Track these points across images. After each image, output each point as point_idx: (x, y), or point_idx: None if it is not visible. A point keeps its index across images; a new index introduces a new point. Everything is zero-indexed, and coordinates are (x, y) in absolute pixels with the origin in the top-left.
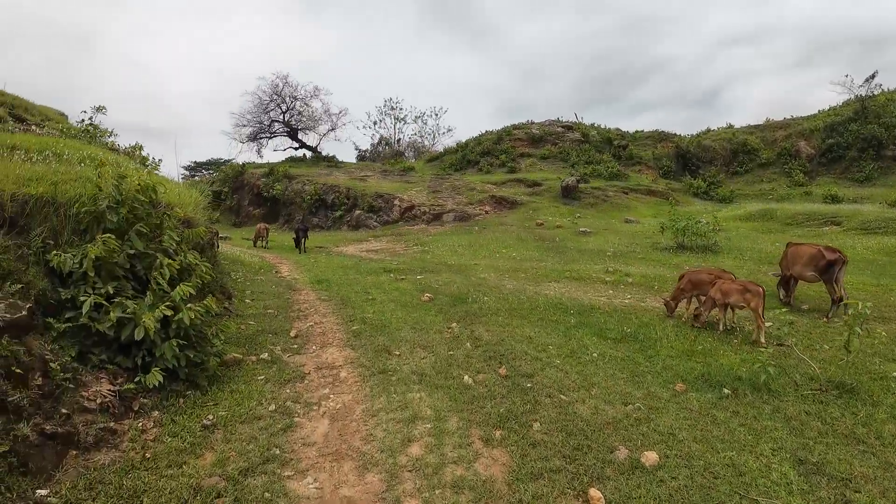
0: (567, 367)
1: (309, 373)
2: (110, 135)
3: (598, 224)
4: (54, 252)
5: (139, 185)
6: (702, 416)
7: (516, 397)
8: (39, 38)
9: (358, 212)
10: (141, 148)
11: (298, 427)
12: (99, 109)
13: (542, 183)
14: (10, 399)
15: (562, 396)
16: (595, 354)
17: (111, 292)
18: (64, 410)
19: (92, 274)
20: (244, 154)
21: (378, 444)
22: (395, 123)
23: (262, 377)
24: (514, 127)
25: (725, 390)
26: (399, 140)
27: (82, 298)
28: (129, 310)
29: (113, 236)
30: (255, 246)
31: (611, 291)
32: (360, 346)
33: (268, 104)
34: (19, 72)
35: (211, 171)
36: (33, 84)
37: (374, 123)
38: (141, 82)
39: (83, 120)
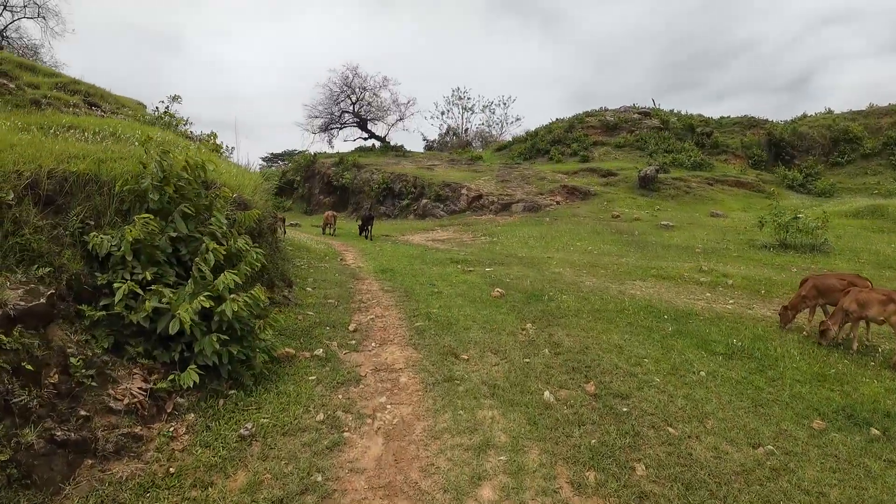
0: (670, 389)
1: (365, 375)
2: (185, 123)
3: (680, 217)
4: (93, 233)
5: (185, 162)
6: (852, 467)
7: (611, 425)
8: (126, 38)
9: (425, 200)
10: (215, 136)
11: (347, 445)
12: (175, 99)
13: (618, 172)
14: (14, 400)
15: (669, 429)
16: (703, 373)
17: (149, 278)
18: (83, 412)
19: (130, 258)
20: (316, 144)
21: (441, 480)
22: (463, 113)
23: (314, 377)
24: (587, 114)
25: (874, 430)
26: (467, 130)
27: (117, 285)
28: (165, 299)
29: (154, 217)
30: (323, 233)
31: (708, 294)
32: (423, 346)
33: (338, 95)
34: (107, 71)
35: (286, 162)
36: (118, 81)
37: (442, 113)
38: (221, 80)
39: (157, 108)
